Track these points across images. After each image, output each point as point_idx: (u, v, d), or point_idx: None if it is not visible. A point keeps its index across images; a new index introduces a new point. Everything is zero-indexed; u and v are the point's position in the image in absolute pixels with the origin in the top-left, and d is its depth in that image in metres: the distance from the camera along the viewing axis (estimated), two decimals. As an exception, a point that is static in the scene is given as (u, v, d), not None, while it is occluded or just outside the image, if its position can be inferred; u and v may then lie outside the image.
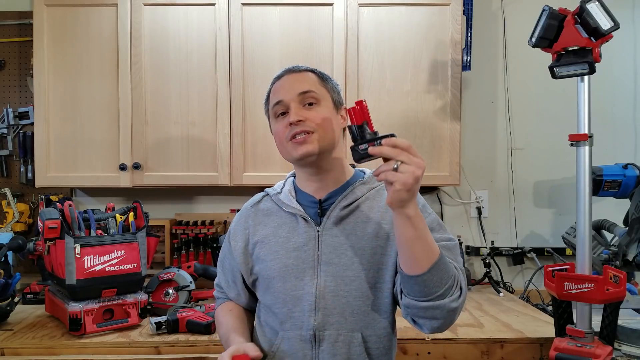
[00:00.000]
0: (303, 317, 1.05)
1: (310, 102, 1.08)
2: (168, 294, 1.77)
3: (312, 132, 1.05)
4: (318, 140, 1.05)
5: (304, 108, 1.07)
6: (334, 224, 1.08)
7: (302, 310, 1.05)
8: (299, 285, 1.06)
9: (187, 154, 2.02)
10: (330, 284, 1.05)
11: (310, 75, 1.12)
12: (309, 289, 1.05)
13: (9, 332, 1.59)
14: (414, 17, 2.01)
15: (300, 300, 1.06)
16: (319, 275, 1.05)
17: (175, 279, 1.77)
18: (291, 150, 1.07)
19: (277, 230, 1.12)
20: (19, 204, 2.26)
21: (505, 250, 2.34)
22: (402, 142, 0.87)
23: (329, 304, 1.04)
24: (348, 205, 1.09)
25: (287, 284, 1.07)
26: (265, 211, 1.17)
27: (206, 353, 1.50)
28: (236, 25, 2.00)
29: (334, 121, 1.10)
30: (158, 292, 1.78)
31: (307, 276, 1.06)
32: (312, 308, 1.04)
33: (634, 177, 1.87)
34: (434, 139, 2.02)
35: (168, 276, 1.78)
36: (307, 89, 1.08)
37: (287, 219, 1.12)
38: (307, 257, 1.07)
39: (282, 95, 1.08)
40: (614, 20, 1.26)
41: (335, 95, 1.13)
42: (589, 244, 1.32)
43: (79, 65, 2.01)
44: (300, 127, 1.04)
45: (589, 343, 1.28)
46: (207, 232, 2.19)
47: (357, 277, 1.05)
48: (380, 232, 1.07)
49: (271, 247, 1.11)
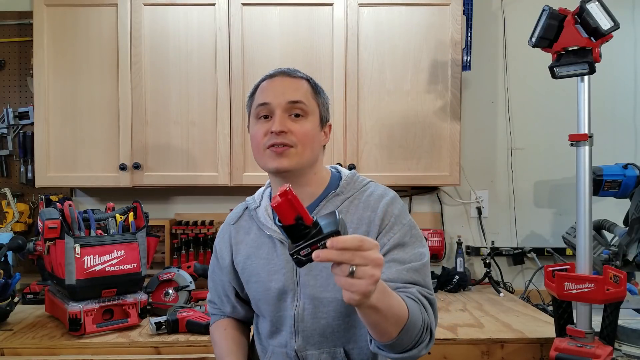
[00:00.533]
0: (287, 336, 1.05)
1: (297, 114, 1.03)
2: (168, 294, 1.77)
3: (291, 147, 1.01)
4: (296, 155, 1.01)
5: (289, 118, 1.02)
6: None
7: (286, 331, 1.05)
8: (282, 307, 1.05)
9: (187, 154, 2.02)
10: (308, 306, 1.02)
11: (304, 84, 1.06)
12: (289, 312, 1.04)
13: (8, 332, 1.58)
14: (414, 17, 2.01)
15: (284, 320, 1.05)
16: (298, 297, 1.04)
17: (175, 279, 1.77)
18: (267, 160, 1.03)
19: (257, 251, 1.09)
20: (19, 204, 2.26)
21: (506, 250, 2.34)
22: (351, 240, 0.70)
23: (308, 326, 1.03)
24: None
25: (270, 307, 1.07)
26: (245, 229, 1.14)
27: (206, 353, 1.50)
28: (236, 25, 2.00)
29: (316, 138, 1.05)
30: (158, 292, 1.78)
31: (289, 298, 1.05)
32: (292, 331, 1.04)
33: (634, 177, 1.87)
34: (434, 139, 2.02)
35: (168, 276, 1.78)
36: (298, 99, 1.03)
37: (265, 239, 1.08)
38: (286, 279, 1.04)
39: (270, 98, 1.04)
40: (614, 20, 1.26)
41: (324, 110, 1.09)
42: (589, 244, 1.32)
43: (79, 65, 2.01)
44: (281, 139, 1.00)
45: (589, 343, 1.28)
46: (207, 232, 2.19)
47: (334, 298, 1.01)
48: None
49: (253, 269, 1.09)
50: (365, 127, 2.01)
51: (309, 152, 1.02)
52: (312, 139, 1.03)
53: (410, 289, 0.95)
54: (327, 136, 1.10)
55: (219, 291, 1.21)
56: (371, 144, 2.02)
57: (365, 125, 2.01)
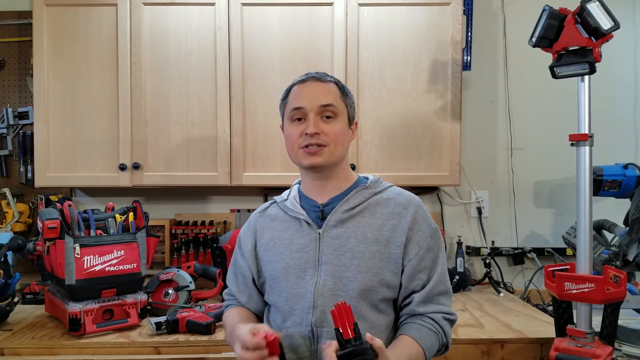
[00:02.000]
0: (303, 314, 1.09)
1: (328, 115, 1.13)
2: (168, 294, 1.76)
3: (324, 146, 1.12)
4: (329, 154, 1.12)
5: (321, 120, 1.12)
6: (334, 227, 1.13)
7: (302, 308, 1.09)
8: (300, 284, 1.11)
9: (187, 154, 2.02)
10: (329, 282, 1.09)
11: (333, 87, 1.16)
12: (309, 287, 1.09)
13: (8, 332, 1.58)
14: (414, 16, 2.01)
15: (300, 298, 1.10)
16: (319, 274, 1.10)
17: (175, 279, 1.77)
18: (301, 158, 1.14)
19: (281, 233, 1.18)
20: (19, 204, 2.26)
21: (506, 251, 2.34)
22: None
23: (326, 301, 1.07)
24: (349, 210, 1.14)
25: (289, 283, 1.12)
26: (271, 216, 1.23)
27: (206, 353, 1.50)
28: (236, 25, 1.99)
29: (345, 136, 1.16)
30: (158, 292, 1.78)
31: (308, 275, 1.11)
32: (311, 305, 1.08)
33: (634, 177, 1.87)
34: (434, 139, 2.02)
35: (168, 276, 1.78)
36: (329, 102, 1.13)
37: (292, 222, 1.18)
38: (308, 257, 1.12)
39: (303, 102, 1.13)
40: (614, 20, 1.25)
41: (351, 110, 1.19)
42: (590, 244, 1.32)
43: (79, 65, 2.01)
44: (315, 140, 1.11)
45: (589, 343, 1.28)
46: (207, 232, 2.19)
47: (355, 278, 1.08)
48: (379, 237, 1.11)
49: (276, 249, 1.17)
50: (366, 127, 2.01)
51: (339, 149, 1.14)
52: (342, 137, 1.15)
53: (435, 315, 1.10)
54: (354, 133, 1.21)
55: (238, 279, 1.26)
56: (371, 144, 2.02)
57: (366, 125, 2.01)
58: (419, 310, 1.10)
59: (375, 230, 1.12)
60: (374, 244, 1.10)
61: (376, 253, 1.10)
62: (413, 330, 1.08)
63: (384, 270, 1.10)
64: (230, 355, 1.49)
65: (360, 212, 1.14)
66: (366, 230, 1.12)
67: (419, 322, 1.09)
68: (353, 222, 1.13)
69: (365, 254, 1.09)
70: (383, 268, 1.10)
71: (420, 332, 1.07)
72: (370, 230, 1.12)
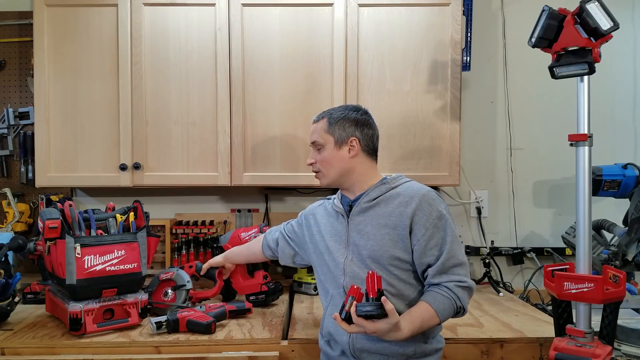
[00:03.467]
0: (338, 278, 1.41)
1: (318, 148, 1.45)
2: (167, 294, 1.77)
3: (319, 172, 1.46)
4: (324, 177, 1.46)
5: (316, 151, 1.46)
6: (358, 215, 1.41)
7: (338, 275, 1.41)
8: (339, 260, 1.42)
9: (187, 154, 2.02)
10: (355, 258, 1.39)
11: (322, 123, 1.45)
12: (341, 259, 1.41)
13: (9, 332, 1.59)
14: (413, 17, 2.01)
15: (338, 269, 1.41)
16: (348, 251, 1.41)
17: (173, 278, 1.78)
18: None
19: (327, 220, 1.50)
20: (20, 204, 2.26)
21: (505, 250, 2.34)
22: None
23: (354, 269, 1.38)
24: (369, 201, 1.40)
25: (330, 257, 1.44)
26: (324, 208, 1.55)
27: (206, 353, 1.50)
28: (236, 26, 2.00)
29: (334, 158, 1.43)
30: (158, 292, 1.78)
31: (342, 251, 1.42)
32: (342, 273, 1.39)
33: (633, 177, 1.87)
34: (434, 139, 2.02)
35: (167, 276, 1.78)
36: (313, 140, 1.46)
37: (334, 214, 1.49)
38: (342, 239, 1.43)
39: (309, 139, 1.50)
40: (613, 20, 1.26)
41: (340, 134, 1.43)
42: (589, 244, 1.32)
43: (79, 66, 2.01)
44: (313, 168, 1.48)
45: (588, 343, 1.28)
46: (207, 232, 2.19)
47: (370, 255, 1.36)
48: (389, 222, 1.36)
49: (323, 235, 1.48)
50: (365, 127, 2.01)
51: (331, 170, 1.44)
52: (330, 161, 1.43)
53: (448, 284, 1.31)
54: (355, 147, 1.43)
55: (281, 227, 1.69)
56: (371, 144, 2.02)
57: (365, 125, 2.01)
58: (434, 281, 1.32)
59: (386, 217, 1.36)
60: (384, 228, 1.36)
61: (386, 235, 1.35)
62: (428, 297, 1.30)
63: (394, 248, 1.34)
64: (230, 355, 1.49)
65: (377, 203, 1.39)
66: (379, 218, 1.37)
67: (434, 290, 1.31)
68: (371, 211, 1.39)
69: (377, 236, 1.36)
70: (392, 246, 1.34)
71: (434, 298, 1.29)
72: (382, 217, 1.37)
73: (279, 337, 1.58)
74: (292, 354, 1.56)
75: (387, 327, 1.19)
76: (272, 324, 1.69)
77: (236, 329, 1.62)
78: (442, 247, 1.32)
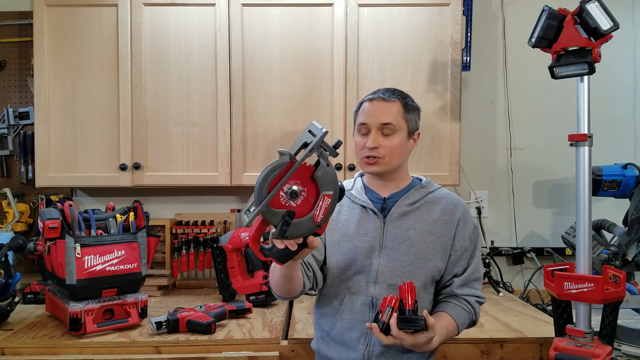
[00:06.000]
0: (365, 285, 1.29)
1: (387, 132, 1.28)
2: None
3: (380, 158, 1.28)
4: (384, 164, 1.29)
5: (381, 135, 1.28)
6: (397, 218, 1.31)
7: (364, 282, 1.29)
8: (365, 263, 1.30)
9: (187, 154, 2.02)
10: (390, 264, 1.29)
11: (397, 105, 1.30)
12: (374, 266, 1.29)
13: (9, 332, 1.59)
14: (413, 17, 2.01)
15: (364, 274, 1.29)
16: (381, 256, 1.30)
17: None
18: (362, 166, 1.33)
19: (350, 217, 1.34)
20: (20, 204, 2.26)
21: (505, 250, 2.34)
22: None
23: (386, 278, 1.28)
24: (410, 204, 1.32)
25: (356, 257, 1.30)
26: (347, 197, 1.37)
27: (206, 353, 1.50)
28: (236, 26, 2.00)
29: (403, 148, 1.31)
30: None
31: (374, 256, 1.30)
32: (374, 281, 1.28)
33: (633, 177, 1.87)
34: (434, 139, 2.02)
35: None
36: (389, 121, 1.28)
37: (358, 209, 1.34)
38: (374, 241, 1.30)
39: (367, 119, 1.30)
40: (613, 20, 1.25)
41: (412, 124, 1.32)
42: (589, 244, 1.32)
43: (79, 66, 2.01)
44: (373, 153, 1.28)
45: (588, 343, 1.28)
46: (207, 232, 2.19)
47: (411, 263, 1.29)
48: (434, 230, 1.31)
49: (345, 231, 1.33)
50: (365, 127, 2.01)
51: (395, 159, 1.30)
52: (399, 149, 1.30)
53: (469, 298, 1.32)
54: (416, 142, 1.36)
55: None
56: (371, 144, 2.02)
57: (365, 125, 2.01)
58: (457, 292, 1.31)
59: (431, 224, 1.31)
60: (429, 236, 1.30)
61: (430, 243, 1.30)
62: (451, 309, 1.29)
63: (436, 258, 1.30)
64: (230, 355, 1.49)
65: (418, 207, 1.32)
66: (423, 224, 1.31)
67: (456, 302, 1.31)
68: (412, 216, 1.31)
69: (422, 244, 1.29)
70: (435, 256, 1.30)
71: (457, 312, 1.29)
72: (427, 224, 1.31)
73: (279, 337, 1.58)
74: (292, 354, 1.56)
75: (424, 341, 1.15)
76: (272, 324, 1.69)
77: (236, 329, 1.62)
78: (471, 259, 1.34)
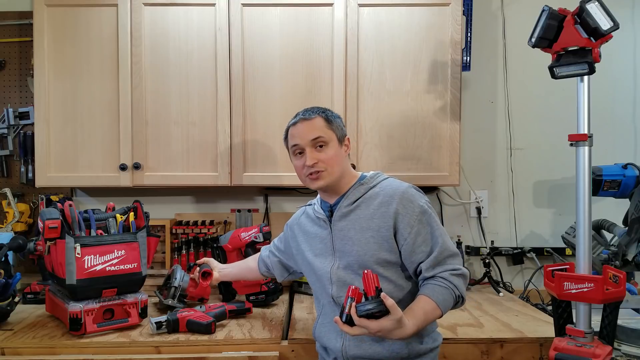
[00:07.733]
0: (326, 287, 1.38)
1: (320, 145, 1.36)
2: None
3: (322, 171, 1.35)
4: (328, 176, 1.36)
5: (315, 150, 1.36)
6: (339, 221, 1.38)
7: (326, 284, 1.38)
8: (325, 269, 1.39)
9: (188, 154, 2.02)
10: (341, 264, 1.37)
11: (319, 120, 1.38)
12: (327, 268, 1.38)
13: (9, 332, 1.59)
14: (413, 17, 2.01)
15: (324, 279, 1.39)
16: (334, 259, 1.38)
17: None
18: (309, 184, 1.39)
19: (311, 229, 1.47)
20: (20, 204, 2.26)
21: (505, 250, 2.34)
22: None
23: (340, 278, 1.35)
24: (349, 205, 1.37)
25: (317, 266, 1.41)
26: (306, 215, 1.51)
27: (206, 353, 1.50)
28: (236, 26, 2.00)
29: (339, 156, 1.38)
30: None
31: (328, 260, 1.39)
32: (330, 282, 1.37)
33: (633, 177, 1.87)
34: (434, 139, 2.02)
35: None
36: (317, 135, 1.36)
37: (316, 221, 1.45)
38: (327, 247, 1.40)
39: (298, 140, 1.37)
40: (613, 20, 1.26)
41: (339, 131, 1.40)
42: (589, 244, 1.32)
43: (80, 66, 2.01)
44: (314, 168, 1.35)
45: (588, 343, 1.28)
46: (207, 232, 2.19)
47: (356, 261, 1.34)
48: (372, 225, 1.33)
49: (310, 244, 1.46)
50: (365, 127, 2.02)
51: (337, 168, 1.37)
52: (336, 159, 1.37)
53: (443, 274, 1.28)
54: (349, 147, 1.44)
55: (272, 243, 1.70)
56: (371, 144, 2.02)
57: (365, 125, 2.02)
58: (428, 275, 1.29)
59: (369, 219, 1.33)
60: (368, 231, 1.33)
61: (370, 238, 1.32)
62: (426, 289, 1.27)
63: (380, 251, 1.32)
64: (230, 355, 1.49)
65: (358, 206, 1.36)
66: (362, 221, 1.34)
67: (431, 282, 1.29)
68: (352, 215, 1.36)
69: (362, 240, 1.33)
70: (378, 249, 1.32)
71: (432, 290, 1.26)
72: (365, 220, 1.34)
73: (279, 337, 1.58)
74: (292, 354, 1.56)
75: (391, 324, 1.13)
76: (272, 324, 1.69)
77: (236, 329, 1.63)
78: (432, 242, 1.31)
